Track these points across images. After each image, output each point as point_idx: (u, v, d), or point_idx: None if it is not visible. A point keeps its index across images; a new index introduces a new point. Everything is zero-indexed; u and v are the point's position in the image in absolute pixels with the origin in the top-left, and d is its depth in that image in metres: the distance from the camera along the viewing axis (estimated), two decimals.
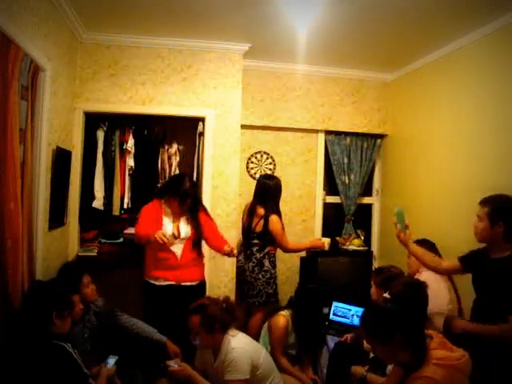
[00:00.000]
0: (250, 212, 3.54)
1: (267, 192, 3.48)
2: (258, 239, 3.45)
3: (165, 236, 2.63)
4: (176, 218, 2.91)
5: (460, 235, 2.88)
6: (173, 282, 2.84)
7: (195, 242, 2.91)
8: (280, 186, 3.54)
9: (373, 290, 2.56)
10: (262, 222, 3.42)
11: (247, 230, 3.54)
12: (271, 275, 3.44)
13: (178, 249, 2.86)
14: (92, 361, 2.22)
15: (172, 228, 2.87)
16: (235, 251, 2.99)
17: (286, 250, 3.55)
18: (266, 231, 3.39)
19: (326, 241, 3.57)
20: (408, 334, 1.67)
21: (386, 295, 2.32)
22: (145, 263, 2.95)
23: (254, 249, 3.47)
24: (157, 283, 2.85)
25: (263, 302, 3.40)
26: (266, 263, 3.44)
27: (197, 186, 3.06)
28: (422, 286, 2.26)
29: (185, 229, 2.89)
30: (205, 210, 3.07)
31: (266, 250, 3.45)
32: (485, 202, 2.30)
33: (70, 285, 2.30)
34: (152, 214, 2.88)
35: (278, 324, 2.86)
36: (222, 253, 2.93)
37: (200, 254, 3.00)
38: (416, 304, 2.10)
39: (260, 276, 3.44)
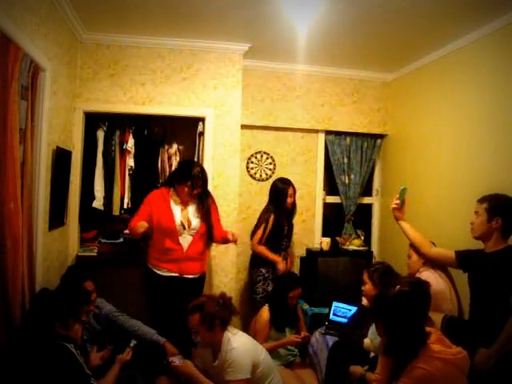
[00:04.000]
0: None
1: (271, 193, 3.60)
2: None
3: (143, 227, 2.64)
4: (184, 207, 2.89)
5: (459, 235, 2.87)
6: (176, 274, 2.85)
7: (204, 234, 2.89)
8: (282, 189, 3.52)
9: (368, 286, 2.55)
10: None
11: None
12: (258, 274, 3.47)
13: (185, 241, 2.85)
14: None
15: (181, 217, 2.85)
16: (236, 237, 2.97)
17: (253, 246, 3.52)
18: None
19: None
20: (404, 325, 1.69)
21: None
22: (149, 250, 2.94)
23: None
24: (160, 273, 2.86)
25: (255, 298, 3.47)
26: (257, 261, 3.50)
27: (206, 171, 2.97)
28: (426, 285, 2.26)
29: (195, 220, 2.88)
30: (211, 197, 3.07)
31: None
32: (483, 199, 2.39)
33: (78, 295, 2.26)
34: (157, 201, 2.85)
35: (262, 315, 2.97)
36: (226, 242, 2.96)
37: (206, 247, 2.98)
38: (420, 301, 2.11)
39: (253, 272, 3.53)
